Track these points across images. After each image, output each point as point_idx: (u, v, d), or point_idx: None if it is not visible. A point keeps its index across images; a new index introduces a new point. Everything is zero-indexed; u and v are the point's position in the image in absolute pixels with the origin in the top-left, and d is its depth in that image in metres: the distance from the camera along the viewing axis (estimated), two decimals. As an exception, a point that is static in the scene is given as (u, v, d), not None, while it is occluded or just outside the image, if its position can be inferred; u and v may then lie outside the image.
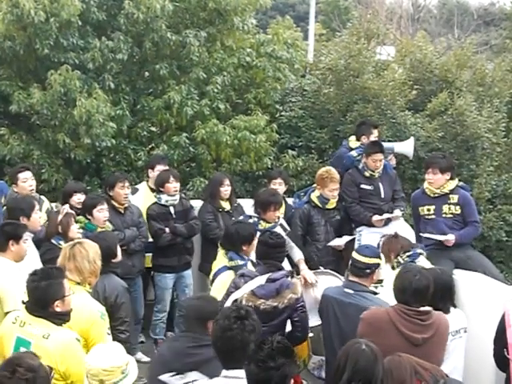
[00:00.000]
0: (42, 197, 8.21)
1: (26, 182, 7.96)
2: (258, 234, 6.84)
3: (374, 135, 9.22)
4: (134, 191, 8.80)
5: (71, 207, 7.64)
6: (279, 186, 8.79)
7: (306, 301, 6.68)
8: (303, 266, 7.88)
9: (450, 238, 7.71)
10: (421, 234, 7.90)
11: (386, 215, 8.50)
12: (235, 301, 5.72)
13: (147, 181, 9.03)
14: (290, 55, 12.46)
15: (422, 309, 5.26)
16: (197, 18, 11.47)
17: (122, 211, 8.13)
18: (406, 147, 9.64)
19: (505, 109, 12.97)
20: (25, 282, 4.93)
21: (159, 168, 8.80)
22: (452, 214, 7.86)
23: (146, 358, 8.35)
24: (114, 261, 6.28)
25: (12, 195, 7.92)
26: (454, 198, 7.89)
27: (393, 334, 5.13)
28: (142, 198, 8.68)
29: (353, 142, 9.31)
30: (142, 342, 8.74)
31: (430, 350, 5.09)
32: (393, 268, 6.58)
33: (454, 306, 6.00)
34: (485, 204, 12.13)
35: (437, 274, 5.84)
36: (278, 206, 7.98)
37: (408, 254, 6.59)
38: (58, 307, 4.83)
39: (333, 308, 5.99)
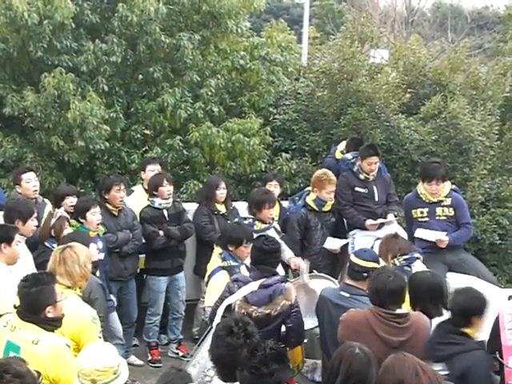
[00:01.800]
0: (46, 200, 8.18)
1: (30, 182, 7.95)
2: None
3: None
4: (129, 193, 8.80)
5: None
6: (274, 188, 8.83)
7: (301, 303, 6.68)
8: (293, 262, 7.93)
9: (444, 237, 7.71)
10: (414, 236, 7.90)
11: (379, 220, 8.51)
12: (229, 306, 5.70)
13: (142, 183, 9.04)
14: (284, 58, 12.47)
15: (398, 311, 5.27)
16: (191, 20, 11.46)
17: (116, 214, 8.12)
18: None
19: (498, 112, 12.98)
20: (17, 287, 4.91)
21: (150, 168, 8.82)
22: (446, 216, 7.89)
23: (139, 361, 8.35)
24: None
25: (15, 196, 7.89)
26: (447, 201, 7.92)
27: (370, 337, 5.13)
28: (137, 199, 8.68)
29: (338, 152, 9.33)
30: (135, 346, 8.73)
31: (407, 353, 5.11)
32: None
33: (447, 310, 6.00)
34: (478, 207, 12.13)
35: (428, 277, 5.85)
36: (272, 204, 8.03)
37: (405, 257, 6.58)
38: (50, 313, 4.81)
39: (328, 310, 6.00)
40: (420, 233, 7.89)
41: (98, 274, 6.74)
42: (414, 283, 5.72)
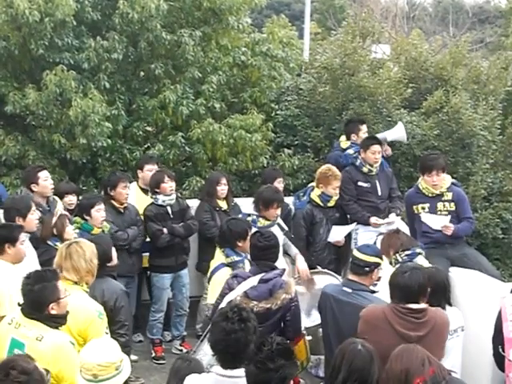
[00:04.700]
0: (56, 197, 8.14)
1: (47, 180, 7.86)
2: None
3: (363, 131, 9.31)
4: None
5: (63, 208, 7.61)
6: (282, 184, 8.85)
7: (304, 300, 6.66)
8: (299, 259, 7.90)
9: (449, 224, 7.69)
10: (421, 220, 7.86)
11: (384, 220, 8.50)
12: (230, 302, 5.70)
13: (137, 181, 8.96)
14: (286, 54, 12.49)
15: (416, 306, 5.26)
16: (192, 17, 11.47)
17: (122, 211, 8.15)
18: (398, 133, 9.70)
19: (500, 106, 12.97)
20: (20, 284, 4.92)
21: (148, 168, 8.77)
22: (447, 210, 7.86)
23: (133, 357, 8.28)
24: (109, 264, 6.24)
25: (16, 195, 7.84)
26: (449, 195, 7.90)
27: (388, 333, 5.13)
28: (134, 199, 8.63)
29: (343, 142, 9.38)
30: (140, 342, 8.75)
31: (425, 348, 5.10)
32: (390, 263, 6.58)
33: (450, 305, 6.00)
34: (481, 201, 12.13)
35: (431, 272, 5.85)
36: (281, 203, 7.99)
37: (407, 252, 6.57)
38: (54, 310, 4.81)
39: (331, 306, 5.98)
40: (426, 218, 7.84)
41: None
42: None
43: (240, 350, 4.24)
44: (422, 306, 5.31)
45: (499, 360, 5.66)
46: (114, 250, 6.56)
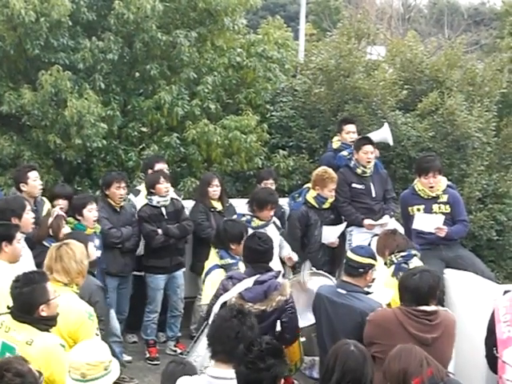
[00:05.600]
0: (44, 198, 8.13)
1: (36, 180, 7.88)
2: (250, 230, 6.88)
3: (345, 131, 9.23)
4: (137, 193, 8.78)
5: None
6: (271, 186, 8.82)
7: (299, 300, 6.66)
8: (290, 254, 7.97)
9: (442, 226, 7.70)
10: (414, 227, 7.87)
11: (378, 222, 8.50)
12: (224, 303, 5.70)
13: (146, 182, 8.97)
14: (281, 55, 12.49)
15: (428, 308, 5.27)
16: (187, 18, 11.46)
17: (119, 210, 8.16)
18: (383, 134, 9.70)
19: (495, 108, 12.98)
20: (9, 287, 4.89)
21: (159, 166, 8.80)
22: (442, 213, 7.88)
23: (127, 357, 8.28)
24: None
25: (17, 194, 7.82)
26: (444, 197, 7.91)
27: (402, 335, 5.11)
28: (144, 200, 8.63)
29: (335, 142, 9.39)
30: (134, 343, 8.75)
31: (439, 349, 5.11)
32: (385, 264, 6.59)
33: (442, 306, 6.01)
34: (475, 203, 12.15)
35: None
36: (275, 205, 8.01)
37: (402, 254, 6.57)
38: (44, 311, 4.78)
39: (325, 307, 5.99)
40: (419, 218, 7.84)
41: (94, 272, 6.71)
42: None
43: (231, 339, 4.30)
44: (434, 308, 5.31)
45: (492, 361, 5.67)
46: (91, 246, 6.52)
